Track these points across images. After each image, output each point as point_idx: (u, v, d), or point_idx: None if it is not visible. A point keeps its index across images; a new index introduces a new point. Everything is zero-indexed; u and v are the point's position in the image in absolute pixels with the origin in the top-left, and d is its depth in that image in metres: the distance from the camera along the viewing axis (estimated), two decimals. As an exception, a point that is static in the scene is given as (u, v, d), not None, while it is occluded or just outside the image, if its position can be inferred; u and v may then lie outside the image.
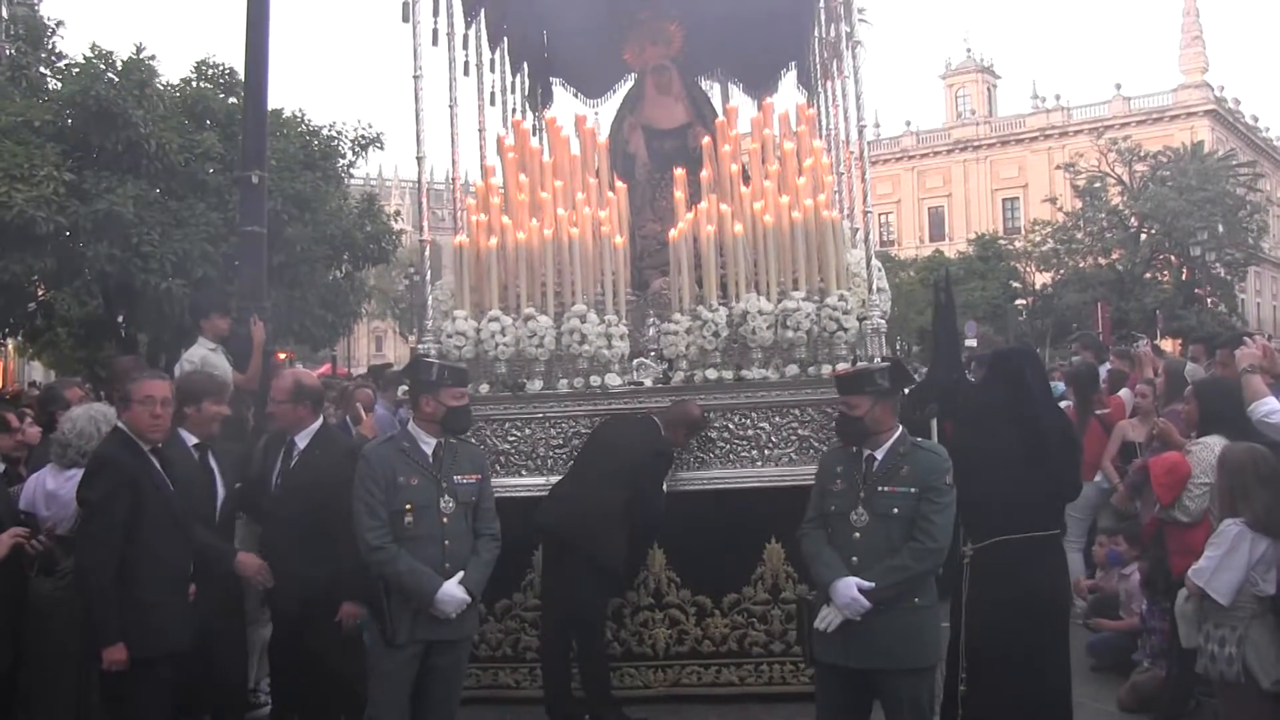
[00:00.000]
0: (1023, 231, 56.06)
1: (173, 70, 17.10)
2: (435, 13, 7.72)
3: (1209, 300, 45.96)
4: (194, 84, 17.19)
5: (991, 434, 5.20)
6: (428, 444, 5.13)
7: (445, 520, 5.06)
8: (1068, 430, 5.77)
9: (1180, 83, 65.44)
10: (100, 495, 4.78)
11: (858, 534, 4.67)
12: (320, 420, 5.86)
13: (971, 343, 22.15)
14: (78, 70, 14.99)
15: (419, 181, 7.40)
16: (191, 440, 5.71)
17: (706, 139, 7.86)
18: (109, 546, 4.72)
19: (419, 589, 4.92)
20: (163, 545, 4.89)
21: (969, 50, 74.86)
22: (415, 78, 7.20)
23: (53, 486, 5.45)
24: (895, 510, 4.65)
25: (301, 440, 5.72)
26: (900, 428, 4.80)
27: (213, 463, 5.72)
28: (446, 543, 5.05)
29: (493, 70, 9.05)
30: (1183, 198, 43.80)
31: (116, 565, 4.72)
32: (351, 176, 19.88)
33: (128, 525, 4.76)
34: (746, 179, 7.43)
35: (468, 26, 8.37)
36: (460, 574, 5.01)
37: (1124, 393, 9.04)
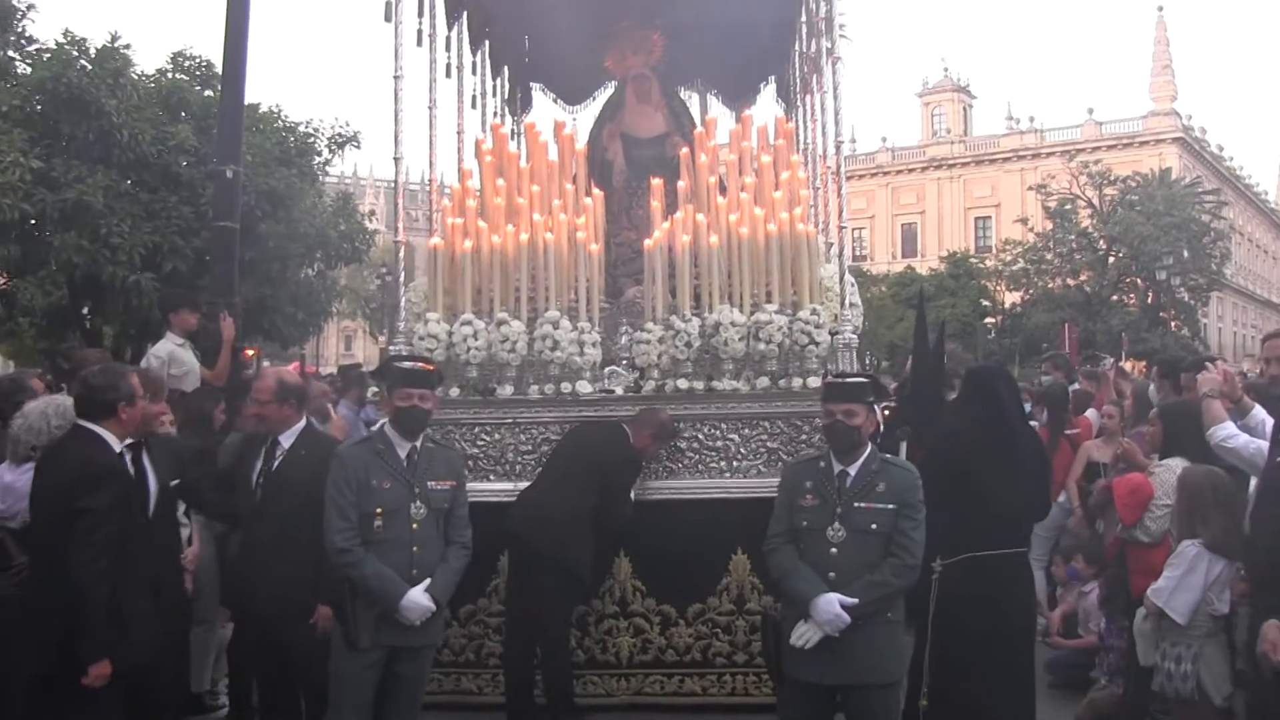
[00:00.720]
0: (994, 250, 56.48)
1: (149, 60, 16.93)
2: (419, 13, 7.72)
3: (1173, 324, 46.51)
4: (170, 75, 17.02)
5: (966, 452, 5.25)
6: (402, 447, 5.09)
7: (415, 526, 5.03)
8: (1040, 450, 5.84)
9: (1150, 109, 66.30)
10: (106, 504, 4.63)
11: (834, 549, 4.68)
12: (304, 419, 5.77)
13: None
14: (49, 56, 14.79)
15: (395, 183, 7.38)
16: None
17: (684, 149, 7.88)
18: (109, 558, 4.60)
19: (384, 594, 4.89)
20: (140, 554, 4.80)
21: (946, 69, 75.49)
22: (396, 78, 7.20)
23: (9, 480, 5.33)
24: (874, 526, 4.67)
25: (286, 440, 5.60)
26: (871, 444, 4.83)
27: (145, 461, 5.54)
28: (415, 549, 5.02)
29: (474, 73, 9.05)
30: (1150, 222, 44.38)
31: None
32: (327, 174, 19.78)
33: (123, 538, 4.67)
34: (723, 190, 7.45)
35: (450, 28, 8.36)
36: (427, 581, 4.98)
37: (1090, 413, 9.14)
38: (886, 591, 4.60)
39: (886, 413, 7.98)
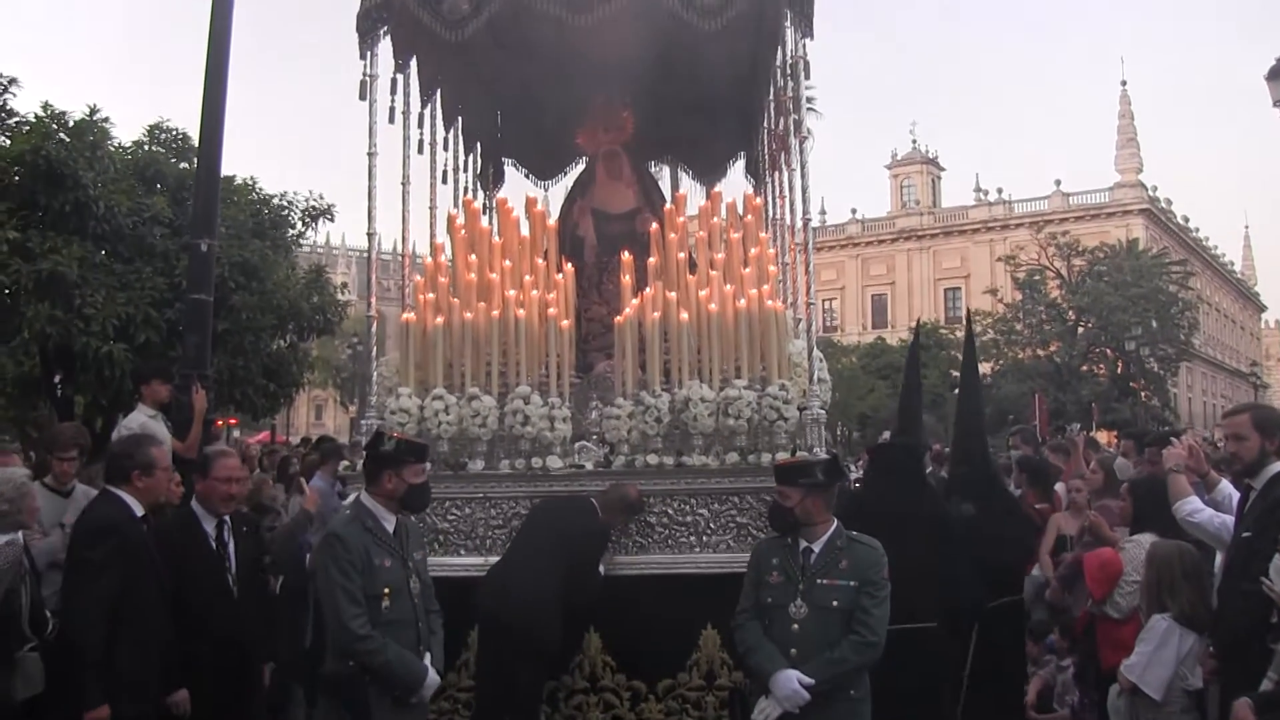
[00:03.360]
0: (963, 321, 56.95)
1: (126, 132, 17.00)
2: (392, 91, 7.82)
3: (1143, 394, 46.92)
4: (146, 147, 17.11)
5: (877, 526, 5.28)
6: (388, 521, 5.03)
7: (416, 601, 5.02)
8: (945, 526, 5.89)
9: (1116, 181, 67.40)
10: (101, 557, 4.87)
11: (796, 626, 4.72)
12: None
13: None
14: (28, 129, 14.87)
15: (369, 259, 7.46)
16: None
17: (655, 225, 7.98)
18: (102, 609, 4.82)
19: (410, 677, 4.84)
20: (148, 619, 5.00)
21: (915, 142, 76.80)
22: (370, 155, 7.28)
23: None
24: (835, 603, 4.71)
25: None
26: (835, 521, 4.88)
27: (227, 535, 5.76)
28: (420, 625, 5.02)
29: (446, 149, 9.11)
30: (1118, 293, 44.97)
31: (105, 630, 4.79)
32: (300, 246, 19.82)
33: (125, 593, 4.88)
34: (693, 266, 7.55)
35: (423, 106, 8.47)
36: (428, 655, 5.00)
37: (1059, 486, 9.20)
38: (845, 668, 4.62)
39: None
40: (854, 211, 75.54)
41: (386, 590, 4.87)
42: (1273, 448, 5.07)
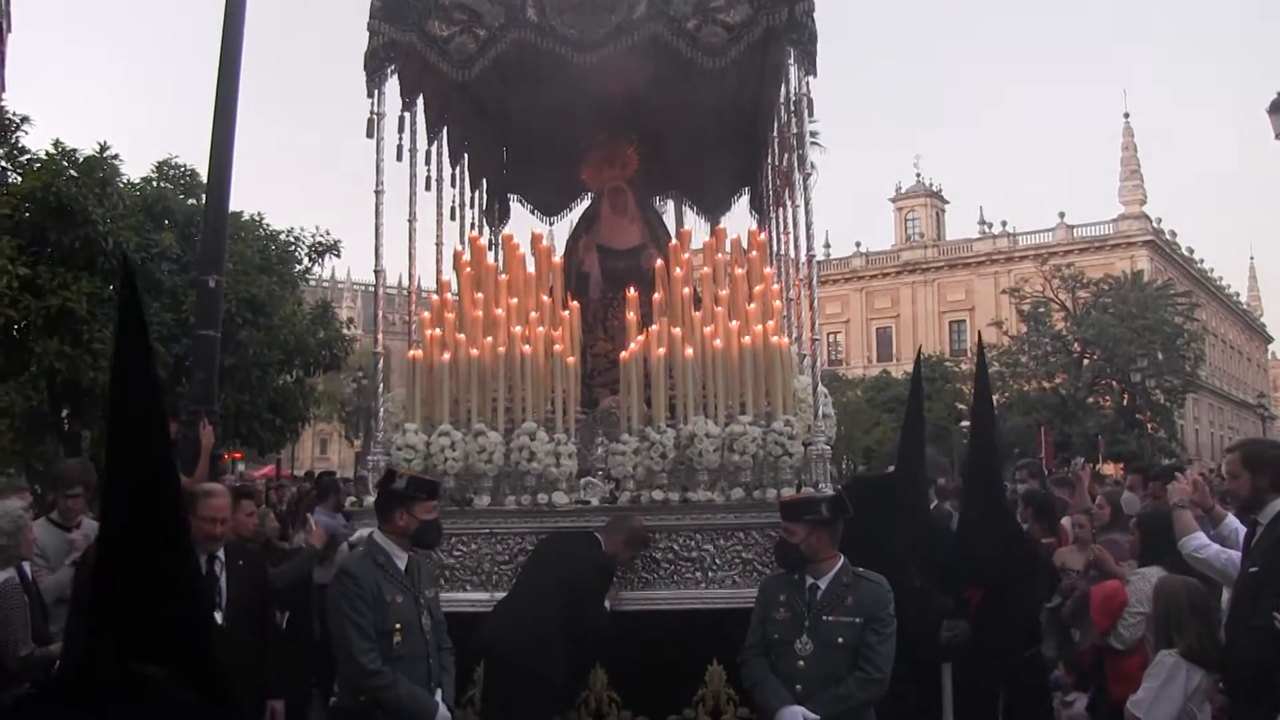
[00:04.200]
0: (969, 354, 56.94)
1: (135, 168, 17.11)
2: (400, 129, 7.87)
3: (1149, 426, 46.79)
4: (155, 184, 17.27)
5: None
6: (400, 559, 5.08)
7: (428, 637, 5.04)
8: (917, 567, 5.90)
9: (1120, 213, 67.48)
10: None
11: (802, 662, 4.73)
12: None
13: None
14: (39, 166, 15.02)
15: (376, 295, 7.49)
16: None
17: (659, 261, 8.03)
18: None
19: (420, 712, 4.85)
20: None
21: (919, 174, 76.89)
22: (377, 193, 7.32)
23: None
24: (840, 639, 4.72)
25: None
26: (841, 557, 4.89)
27: (217, 568, 5.78)
28: (431, 660, 5.03)
29: (453, 185, 9.18)
30: (1124, 325, 44.90)
31: None
32: (307, 282, 19.95)
33: None
34: (698, 302, 7.59)
35: (430, 143, 8.54)
36: (439, 691, 5.02)
37: (1065, 520, 9.19)
38: (849, 705, 4.63)
39: None
40: (858, 244, 75.69)
41: (398, 626, 4.91)
42: (1263, 483, 5.09)
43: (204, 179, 10.54)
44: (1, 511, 5.45)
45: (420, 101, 8.12)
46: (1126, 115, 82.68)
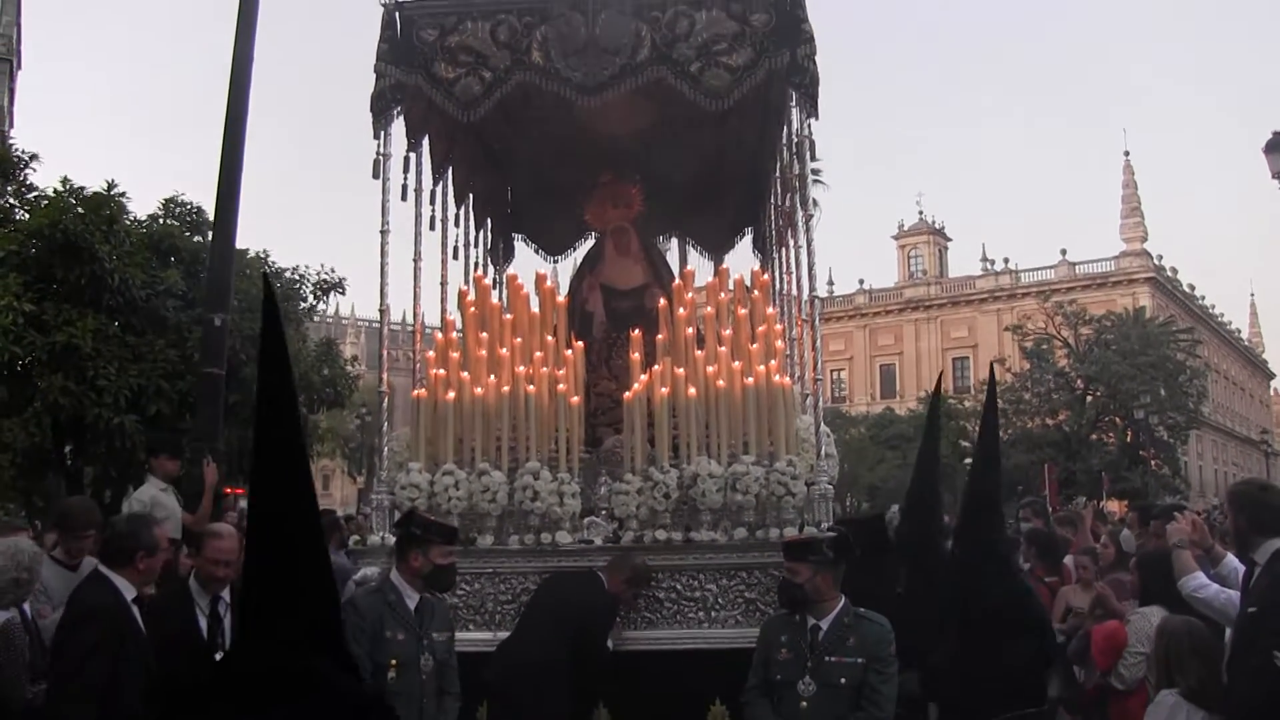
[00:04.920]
0: (972, 391, 56.92)
1: (142, 205, 17.16)
2: (405, 169, 7.95)
3: (1153, 462, 46.65)
4: (161, 221, 17.32)
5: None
6: (411, 599, 5.16)
7: (424, 678, 5.07)
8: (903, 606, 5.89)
9: (1122, 250, 67.64)
10: (88, 644, 4.71)
11: (805, 703, 4.73)
12: None
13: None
14: (46, 203, 15.09)
15: (381, 334, 7.53)
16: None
17: (663, 301, 8.08)
18: (93, 699, 4.64)
19: None
20: (138, 710, 4.80)
21: (921, 212, 77.06)
22: (383, 233, 7.39)
23: None
24: (843, 680, 4.73)
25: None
26: (844, 598, 4.90)
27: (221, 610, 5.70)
28: (425, 701, 5.05)
29: (457, 225, 9.25)
30: (1126, 361, 44.86)
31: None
32: (312, 319, 19.99)
33: (111, 681, 4.70)
34: (701, 342, 7.63)
35: (435, 183, 8.61)
36: None
37: (1068, 559, 9.17)
38: None
39: None
40: (861, 282, 75.79)
41: (394, 662, 4.97)
42: (1242, 523, 5.12)
43: (210, 217, 10.62)
44: (21, 548, 5.45)
45: (426, 142, 8.20)
46: (1127, 153, 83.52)
